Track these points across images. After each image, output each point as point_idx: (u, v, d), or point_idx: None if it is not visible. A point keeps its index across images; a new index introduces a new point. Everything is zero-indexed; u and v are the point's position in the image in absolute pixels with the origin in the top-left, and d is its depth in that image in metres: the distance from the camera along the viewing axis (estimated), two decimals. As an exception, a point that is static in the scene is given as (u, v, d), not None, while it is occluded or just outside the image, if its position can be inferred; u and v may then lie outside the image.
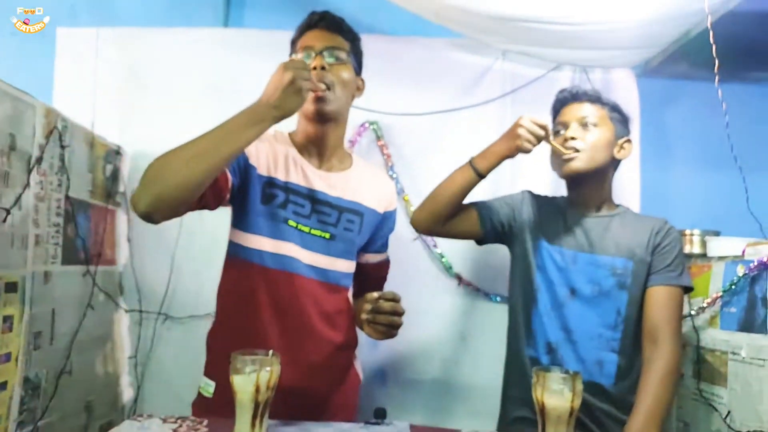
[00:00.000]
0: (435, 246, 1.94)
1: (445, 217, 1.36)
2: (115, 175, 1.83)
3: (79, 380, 1.61)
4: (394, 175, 1.96)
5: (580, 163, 1.32)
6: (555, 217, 1.39)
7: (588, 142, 1.32)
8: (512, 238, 1.40)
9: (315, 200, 1.23)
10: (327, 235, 1.24)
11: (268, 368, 0.94)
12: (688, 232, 1.81)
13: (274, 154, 1.24)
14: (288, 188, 1.22)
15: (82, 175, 1.63)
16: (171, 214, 1.05)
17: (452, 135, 2.00)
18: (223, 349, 1.22)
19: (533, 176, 1.83)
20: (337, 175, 1.28)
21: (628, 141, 1.42)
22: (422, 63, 2.00)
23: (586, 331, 1.27)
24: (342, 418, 1.21)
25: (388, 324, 1.15)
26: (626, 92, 1.99)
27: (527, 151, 1.26)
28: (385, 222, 1.37)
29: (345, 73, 1.22)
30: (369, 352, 1.90)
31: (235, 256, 1.24)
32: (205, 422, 1.08)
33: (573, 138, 1.32)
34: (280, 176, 1.22)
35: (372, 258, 1.38)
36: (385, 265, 1.44)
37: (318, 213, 1.23)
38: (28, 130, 1.34)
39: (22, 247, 1.33)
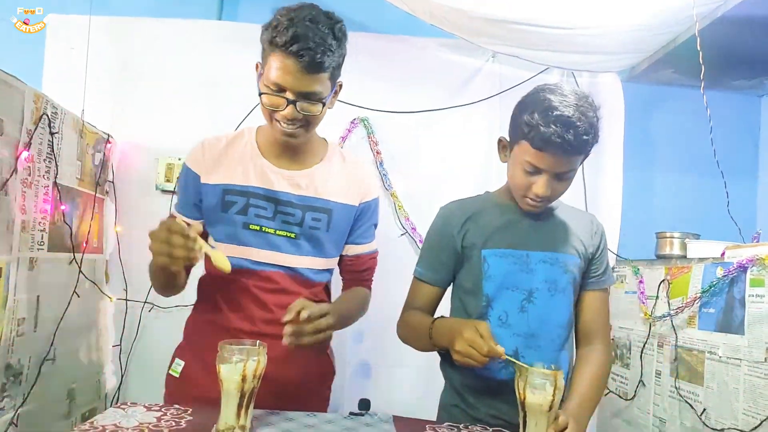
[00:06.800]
0: (422, 241, 1.95)
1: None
2: (104, 164, 1.82)
3: (62, 367, 1.61)
4: (384, 171, 1.97)
5: (541, 208, 1.19)
6: (495, 219, 1.22)
7: (556, 192, 1.16)
8: (461, 263, 1.24)
9: (277, 201, 1.22)
10: (292, 235, 1.22)
11: (255, 358, 0.93)
12: (668, 234, 1.85)
13: (229, 159, 1.23)
14: (248, 192, 1.21)
15: (70, 163, 1.62)
16: (178, 287, 1.23)
17: (441, 133, 2.03)
18: (195, 335, 1.26)
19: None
20: (301, 173, 1.24)
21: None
22: (414, 62, 2.02)
23: (547, 332, 1.17)
24: (312, 408, 1.20)
25: (314, 342, 1.06)
26: (612, 96, 2.03)
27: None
28: (364, 213, 1.32)
29: (318, 111, 1.14)
30: (354, 345, 1.92)
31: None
32: (190, 410, 1.07)
33: (542, 193, 1.14)
34: (238, 181, 1.21)
35: (355, 249, 1.35)
36: (368, 257, 1.40)
37: (282, 214, 1.22)
38: (17, 115, 1.33)
39: (8, 233, 1.33)
